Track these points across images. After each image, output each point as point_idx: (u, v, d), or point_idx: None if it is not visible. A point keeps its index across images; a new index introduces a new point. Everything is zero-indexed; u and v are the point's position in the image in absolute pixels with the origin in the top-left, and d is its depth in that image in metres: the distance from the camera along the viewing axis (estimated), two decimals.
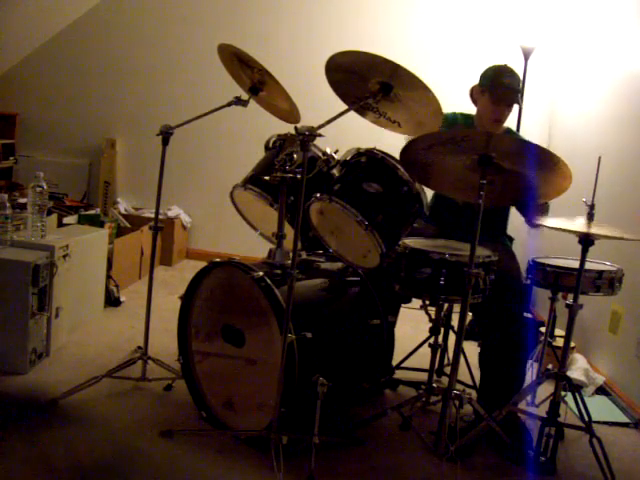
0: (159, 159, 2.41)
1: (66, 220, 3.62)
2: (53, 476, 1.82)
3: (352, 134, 2.74)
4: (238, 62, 2.36)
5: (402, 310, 2.63)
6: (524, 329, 2.31)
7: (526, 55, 3.90)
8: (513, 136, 2.59)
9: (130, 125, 4.66)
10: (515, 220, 2.72)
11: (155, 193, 2.43)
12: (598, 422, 2.49)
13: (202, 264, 2.23)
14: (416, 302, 2.26)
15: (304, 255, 2.38)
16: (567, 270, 2.32)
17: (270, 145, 2.36)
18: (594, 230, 1.96)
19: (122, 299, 3.43)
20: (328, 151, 2.20)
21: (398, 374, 2.72)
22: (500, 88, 2.44)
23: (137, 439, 2.08)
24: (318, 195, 2.07)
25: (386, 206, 2.08)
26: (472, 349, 2.47)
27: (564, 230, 2.00)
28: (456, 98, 2.77)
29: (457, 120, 2.58)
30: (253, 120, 3.26)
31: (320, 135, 1.88)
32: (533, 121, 4.10)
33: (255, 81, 2.39)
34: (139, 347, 2.55)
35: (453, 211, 2.52)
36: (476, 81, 2.53)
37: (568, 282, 2.30)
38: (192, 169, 4.60)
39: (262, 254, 2.22)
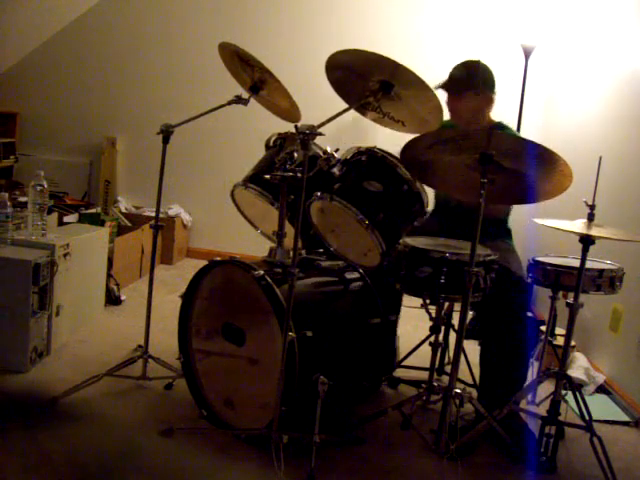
0: (159, 158, 2.41)
1: (67, 219, 3.62)
2: (53, 474, 1.82)
3: (352, 133, 2.74)
4: (239, 61, 2.36)
5: (403, 309, 2.63)
6: (525, 328, 2.31)
7: (527, 54, 3.90)
8: (506, 131, 2.56)
9: (131, 124, 4.66)
10: (515, 219, 2.72)
11: (156, 192, 2.43)
12: (598, 421, 2.49)
13: (202, 263, 2.23)
14: (417, 301, 2.26)
15: (304, 254, 2.38)
16: (568, 269, 2.31)
17: (271, 144, 2.36)
18: (594, 231, 1.96)
19: (123, 298, 3.43)
20: (329, 150, 2.19)
21: (398, 373, 2.72)
22: (446, 79, 2.50)
23: (137, 437, 2.08)
24: (319, 194, 2.07)
25: (387, 205, 2.08)
26: (473, 348, 2.47)
27: (565, 230, 2.00)
28: None
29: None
30: (253, 119, 3.26)
31: (320, 134, 1.88)
32: (534, 120, 4.10)
33: (255, 80, 2.39)
34: (139, 346, 2.55)
35: (449, 211, 2.52)
36: None
37: (569, 281, 2.29)
38: (193, 168, 4.59)
39: (262, 253, 2.22)
